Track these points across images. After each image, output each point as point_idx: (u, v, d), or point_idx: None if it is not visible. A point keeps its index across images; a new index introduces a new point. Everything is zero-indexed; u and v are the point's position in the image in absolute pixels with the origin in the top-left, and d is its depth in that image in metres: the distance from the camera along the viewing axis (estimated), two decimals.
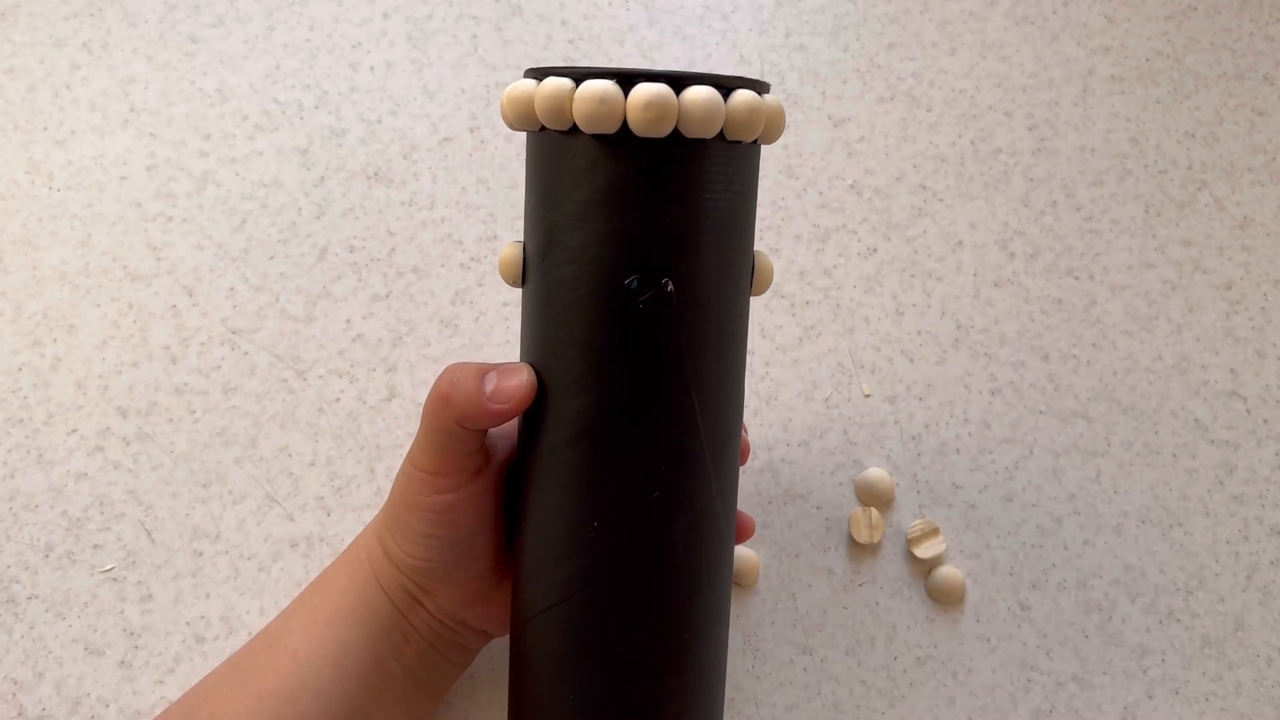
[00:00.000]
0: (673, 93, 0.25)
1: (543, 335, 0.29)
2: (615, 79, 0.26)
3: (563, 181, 0.27)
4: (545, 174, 0.28)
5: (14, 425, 0.42)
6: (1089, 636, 0.41)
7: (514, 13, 0.50)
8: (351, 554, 0.34)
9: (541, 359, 0.29)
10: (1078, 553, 0.42)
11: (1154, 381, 0.45)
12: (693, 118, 0.26)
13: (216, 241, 0.45)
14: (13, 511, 0.41)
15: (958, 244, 0.47)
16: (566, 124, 0.26)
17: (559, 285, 0.28)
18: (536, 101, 0.27)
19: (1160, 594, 0.42)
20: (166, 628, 0.39)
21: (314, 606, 0.33)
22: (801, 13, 0.51)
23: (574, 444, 0.28)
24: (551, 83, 0.26)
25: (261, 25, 0.49)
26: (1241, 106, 0.50)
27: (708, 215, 0.27)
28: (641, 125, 0.25)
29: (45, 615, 0.39)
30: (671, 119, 0.26)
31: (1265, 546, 0.43)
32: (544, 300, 0.28)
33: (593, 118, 0.26)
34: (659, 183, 0.26)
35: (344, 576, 0.33)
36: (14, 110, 0.46)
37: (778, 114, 0.28)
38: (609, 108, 0.25)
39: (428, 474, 0.30)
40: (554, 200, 0.27)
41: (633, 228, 0.26)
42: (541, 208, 0.28)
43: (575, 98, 0.26)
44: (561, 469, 0.28)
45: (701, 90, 0.26)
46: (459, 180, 0.47)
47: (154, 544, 0.41)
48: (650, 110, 0.25)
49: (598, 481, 0.28)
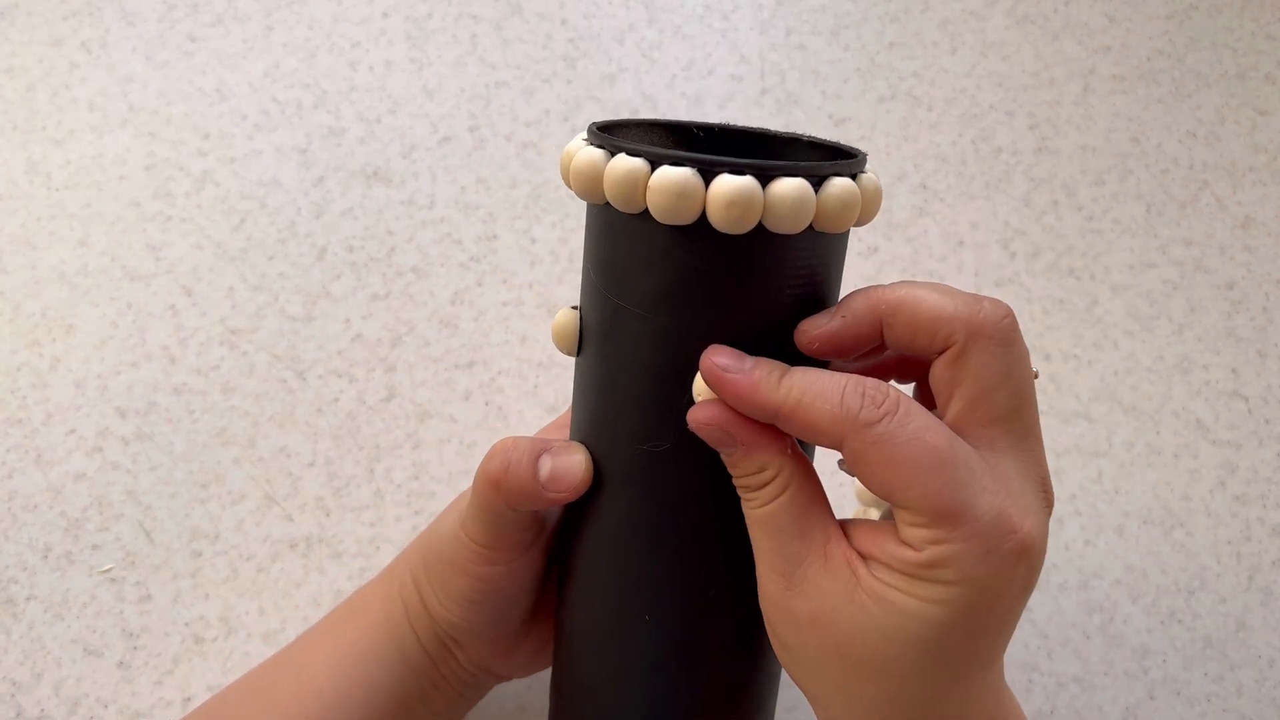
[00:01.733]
0: (759, 186, 0.23)
1: (597, 419, 0.27)
2: (695, 167, 0.23)
3: (629, 264, 0.25)
4: (608, 251, 0.25)
5: (12, 425, 0.42)
6: (1090, 637, 0.41)
7: (514, 12, 0.50)
8: (386, 587, 0.32)
9: (595, 443, 0.28)
10: (1079, 553, 0.42)
11: (1155, 381, 0.45)
12: (779, 214, 0.23)
13: (215, 241, 0.45)
14: (11, 512, 0.41)
15: (958, 244, 0.47)
16: (639, 208, 0.24)
17: (618, 373, 0.26)
18: (606, 183, 0.24)
19: (1162, 594, 0.42)
20: (165, 628, 0.39)
21: (343, 636, 0.32)
22: (802, 12, 0.50)
23: (626, 536, 0.27)
24: (623, 164, 0.23)
25: (260, 24, 0.49)
26: (1243, 106, 0.50)
27: (787, 310, 0.25)
28: (724, 223, 0.23)
29: (44, 616, 0.39)
30: (756, 215, 0.23)
31: (1267, 547, 0.43)
32: (601, 384, 0.27)
33: (669, 210, 0.23)
34: (737, 279, 0.24)
35: (377, 609, 0.32)
36: (12, 110, 0.46)
37: (874, 198, 0.25)
38: (687, 202, 0.23)
39: (481, 547, 0.29)
40: (618, 282, 0.25)
41: (704, 326, 0.24)
42: (603, 286, 0.26)
43: (650, 185, 0.23)
44: (612, 557, 0.28)
45: (791, 184, 0.23)
46: (458, 180, 0.47)
47: (153, 544, 0.41)
48: (734, 209, 0.23)
49: (653, 578, 0.27)
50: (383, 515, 0.41)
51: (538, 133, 0.48)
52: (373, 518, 0.41)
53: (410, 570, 0.32)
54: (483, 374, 0.44)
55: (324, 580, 0.40)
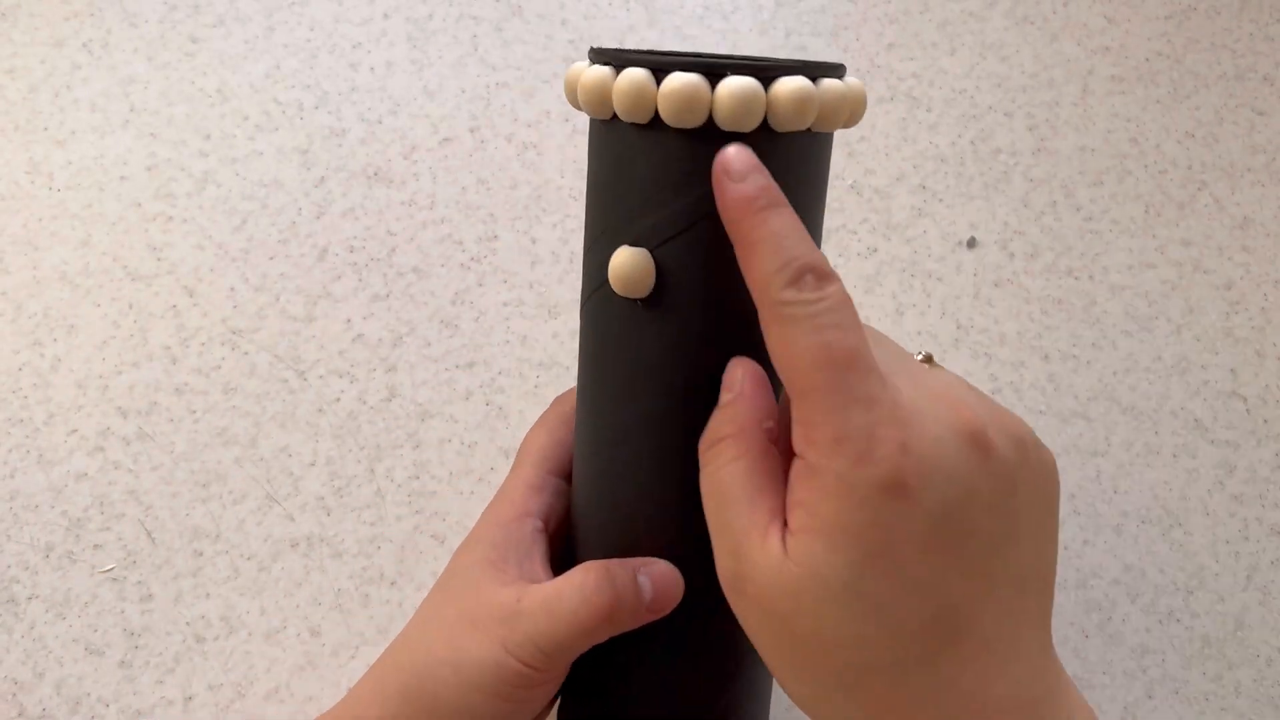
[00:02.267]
0: (761, 86, 0.23)
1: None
2: (701, 72, 0.24)
3: (640, 181, 0.26)
4: (612, 173, 0.26)
5: (14, 425, 0.42)
6: (1089, 636, 0.41)
7: (514, 13, 0.50)
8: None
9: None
10: (1077, 552, 0.42)
11: (1154, 381, 0.45)
12: (782, 111, 0.24)
13: (217, 241, 0.45)
14: (13, 511, 0.41)
15: (958, 244, 0.47)
16: (648, 117, 0.24)
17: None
18: (615, 94, 0.24)
19: (1160, 594, 0.42)
20: (166, 628, 0.39)
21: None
22: (801, 13, 0.51)
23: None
24: (632, 74, 0.24)
25: (262, 25, 0.49)
26: (1241, 107, 0.50)
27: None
28: (730, 121, 0.24)
29: (45, 615, 0.39)
30: (760, 112, 0.24)
31: (1265, 546, 0.43)
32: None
33: (679, 113, 0.24)
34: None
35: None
36: (14, 110, 0.46)
37: (859, 97, 0.26)
38: (696, 104, 0.24)
39: (542, 671, 0.26)
40: (627, 202, 0.26)
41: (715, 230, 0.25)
42: (612, 212, 0.26)
43: (660, 92, 0.24)
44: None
45: (792, 82, 0.24)
46: (459, 180, 0.47)
47: (154, 544, 0.41)
48: (739, 107, 0.23)
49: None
50: (383, 515, 0.42)
51: (538, 133, 0.48)
52: (373, 517, 0.41)
53: (390, 716, 0.28)
54: (483, 374, 0.44)
55: (325, 579, 0.40)
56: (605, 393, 0.28)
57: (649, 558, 0.27)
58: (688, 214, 0.25)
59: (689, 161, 0.24)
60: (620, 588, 0.26)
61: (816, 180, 0.27)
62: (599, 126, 0.26)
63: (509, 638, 0.26)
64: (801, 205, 0.25)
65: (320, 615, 0.40)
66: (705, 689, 0.29)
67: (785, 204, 0.23)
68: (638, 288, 0.25)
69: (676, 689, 0.29)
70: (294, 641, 0.39)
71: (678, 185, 0.25)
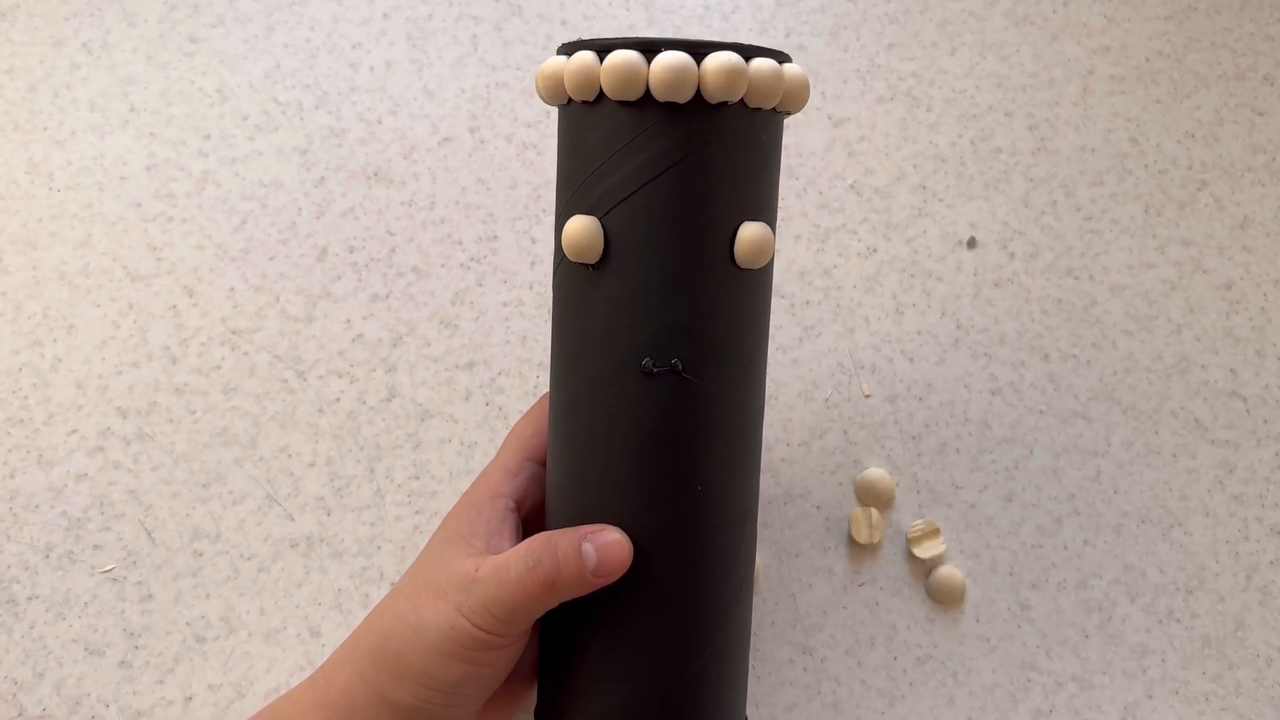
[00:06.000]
0: (693, 60, 0.27)
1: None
2: (639, 49, 0.27)
3: (593, 154, 0.29)
4: (571, 150, 0.29)
5: (14, 425, 0.42)
6: (1089, 636, 0.41)
7: (514, 13, 0.50)
8: (322, 697, 0.30)
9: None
10: (1078, 553, 0.42)
11: (1154, 381, 0.45)
12: (713, 83, 0.27)
13: (216, 242, 0.45)
14: (13, 511, 0.41)
15: (958, 244, 0.47)
16: (593, 94, 0.28)
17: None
18: (565, 77, 0.28)
19: (1160, 594, 0.42)
20: (166, 628, 0.39)
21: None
22: (801, 13, 0.51)
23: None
24: (579, 57, 0.27)
25: (261, 25, 0.49)
26: (1242, 106, 0.50)
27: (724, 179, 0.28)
28: (663, 92, 0.27)
29: (45, 615, 0.39)
30: (692, 84, 0.27)
31: (1265, 546, 0.43)
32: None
33: (618, 88, 0.27)
34: (683, 149, 0.28)
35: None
36: (14, 110, 0.46)
37: (800, 83, 0.29)
38: (632, 78, 0.27)
39: (495, 635, 0.28)
40: (582, 172, 0.28)
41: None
42: (576, 184, 0.29)
43: (602, 70, 0.27)
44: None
45: (722, 57, 0.27)
46: (459, 180, 0.47)
47: (154, 544, 0.41)
48: (671, 78, 0.27)
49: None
50: (383, 515, 0.42)
51: (538, 133, 0.48)
52: (373, 517, 0.41)
53: (359, 673, 0.30)
54: (483, 374, 0.44)
55: (325, 580, 0.40)
56: (563, 360, 0.29)
57: (598, 525, 0.28)
58: (630, 181, 0.27)
59: (630, 131, 0.27)
60: (561, 556, 0.27)
61: (755, 153, 0.29)
62: (561, 113, 0.29)
63: (464, 603, 0.28)
64: (740, 176, 0.28)
65: (320, 615, 0.40)
66: (674, 658, 0.29)
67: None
68: (588, 253, 0.28)
69: (642, 657, 0.29)
70: (294, 641, 0.40)
71: (623, 154, 0.27)
